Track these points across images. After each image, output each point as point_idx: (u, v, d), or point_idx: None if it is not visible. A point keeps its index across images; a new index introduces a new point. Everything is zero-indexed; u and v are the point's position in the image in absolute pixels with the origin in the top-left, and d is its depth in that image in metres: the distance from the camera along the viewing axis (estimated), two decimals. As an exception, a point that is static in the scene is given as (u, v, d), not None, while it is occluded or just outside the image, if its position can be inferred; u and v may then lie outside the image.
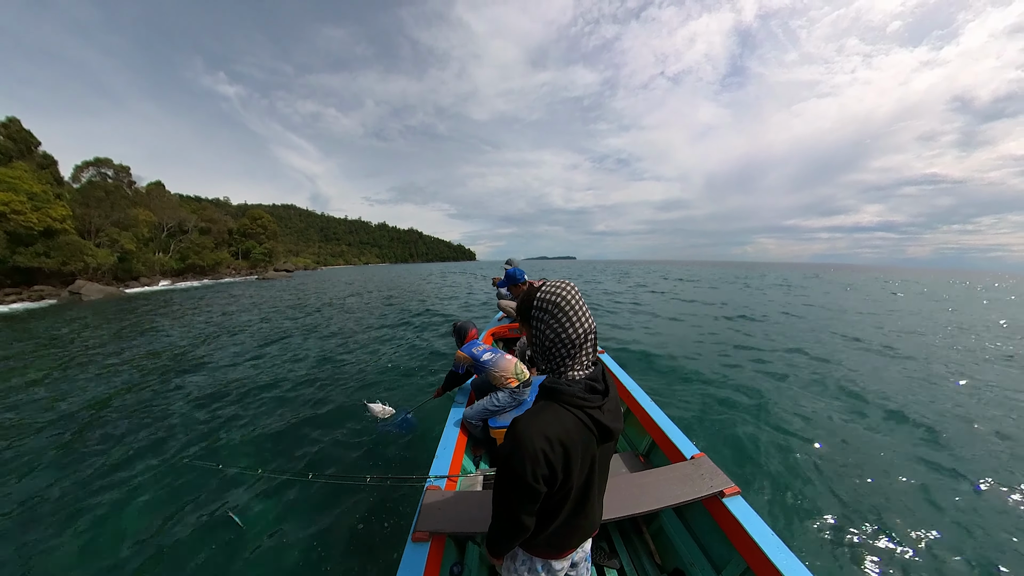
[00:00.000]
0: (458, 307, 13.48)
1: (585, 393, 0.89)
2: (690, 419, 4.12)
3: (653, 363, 6.32)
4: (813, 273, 43.60)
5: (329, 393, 5.14)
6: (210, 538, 2.60)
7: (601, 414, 0.90)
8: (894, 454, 3.55)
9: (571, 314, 0.90)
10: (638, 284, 24.90)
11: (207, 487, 3.13)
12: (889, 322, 10.97)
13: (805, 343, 7.78)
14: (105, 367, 6.75)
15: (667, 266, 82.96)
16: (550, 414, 0.86)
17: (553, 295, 0.92)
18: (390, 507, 2.77)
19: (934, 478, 3.20)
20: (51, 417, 4.59)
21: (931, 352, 7.36)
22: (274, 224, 69.76)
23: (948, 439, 3.83)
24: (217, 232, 55.39)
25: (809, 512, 2.75)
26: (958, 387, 5.40)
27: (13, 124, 31.07)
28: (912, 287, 28.23)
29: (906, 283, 33.40)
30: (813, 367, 6.15)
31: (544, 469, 0.81)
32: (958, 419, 4.31)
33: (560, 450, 0.83)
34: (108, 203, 35.99)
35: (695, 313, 12.03)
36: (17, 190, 24.81)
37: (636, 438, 2.83)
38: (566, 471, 0.85)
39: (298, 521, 2.72)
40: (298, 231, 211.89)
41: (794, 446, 3.61)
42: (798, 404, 4.61)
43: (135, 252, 35.54)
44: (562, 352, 0.92)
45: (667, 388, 5.11)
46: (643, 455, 2.55)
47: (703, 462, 1.98)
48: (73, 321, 12.77)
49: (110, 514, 2.88)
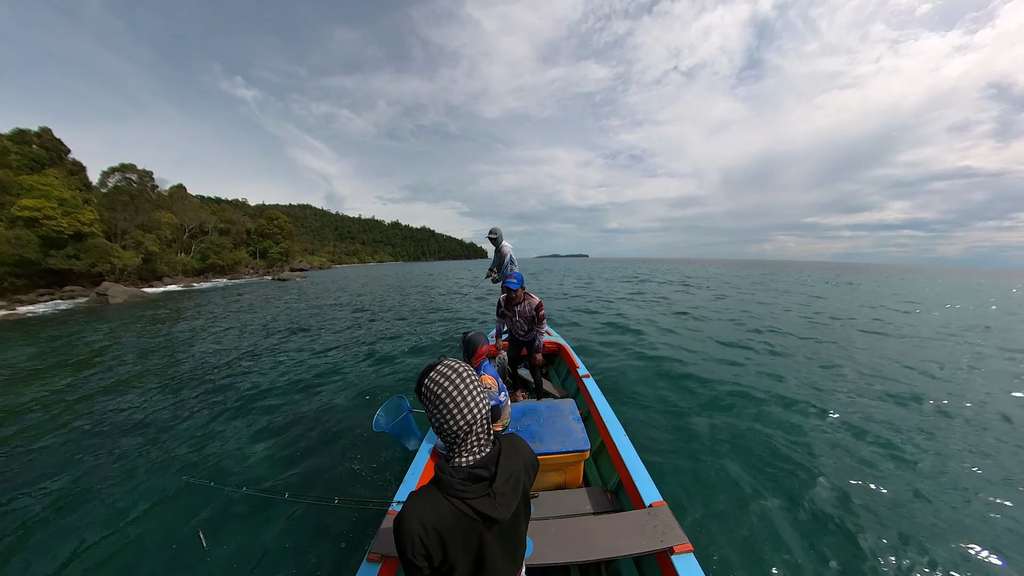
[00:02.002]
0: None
1: (465, 484, 0.92)
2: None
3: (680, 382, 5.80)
4: (835, 274, 39.53)
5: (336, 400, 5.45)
6: (172, 553, 2.76)
7: (483, 503, 0.91)
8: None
9: (452, 407, 0.92)
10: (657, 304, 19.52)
11: (193, 503, 3.27)
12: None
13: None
14: (115, 375, 7.24)
15: (682, 266, 79.54)
16: (429, 501, 0.92)
17: (436, 386, 0.93)
18: (358, 529, 2.86)
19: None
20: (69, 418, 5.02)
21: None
22: (290, 224, 71.55)
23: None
24: (236, 232, 57.20)
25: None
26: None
27: (45, 134, 32.77)
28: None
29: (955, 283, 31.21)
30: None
31: (421, 549, 0.87)
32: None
33: (435, 535, 0.88)
34: (133, 207, 37.58)
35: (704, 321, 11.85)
36: (49, 196, 26.23)
37: (607, 472, 2.79)
38: (443, 553, 0.90)
39: (268, 539, 2.83)
40: (314, 230, 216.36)
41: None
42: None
43: (158, 253, 37.07)
44: (448, 439, 0.96)
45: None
46: (611, 492, 2.54)
47: (660, 512, 1.93)
48: (98, 328, 13.49)
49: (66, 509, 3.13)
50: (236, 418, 5.08)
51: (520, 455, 1.06)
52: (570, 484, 2.61)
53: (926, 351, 8.16)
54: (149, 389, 6.30)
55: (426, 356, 7.77)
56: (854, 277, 41.24)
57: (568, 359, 4.54)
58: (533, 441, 2.51)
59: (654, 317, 12.10)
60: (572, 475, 2.60)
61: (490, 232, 5.66)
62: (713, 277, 35.08)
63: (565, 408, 2.86)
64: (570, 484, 2.61)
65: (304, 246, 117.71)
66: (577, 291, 20.86)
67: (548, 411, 2.83)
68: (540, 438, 2.54)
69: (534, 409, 2.86)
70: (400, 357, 7.75)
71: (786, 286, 25.15)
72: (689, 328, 10.31)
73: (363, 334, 10.22)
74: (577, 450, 2.44)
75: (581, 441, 2.48)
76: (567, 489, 2.57)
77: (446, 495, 0.91)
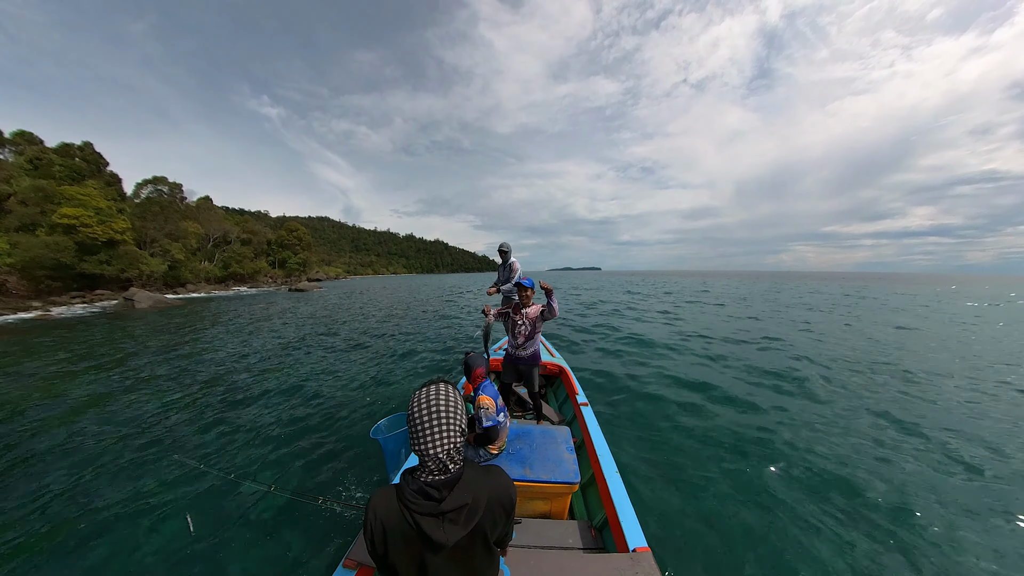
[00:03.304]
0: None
1: (415, 496, 1.00)
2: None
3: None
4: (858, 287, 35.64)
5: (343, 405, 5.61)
6: (158, 532, 2.93)
7: (430, 522, 0.98)
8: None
9: (420, 431, 1.00)
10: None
11: (180, 483, 3.48)
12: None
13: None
14: (139, 378, 7.56)
15: (703, 279, 75.99)
16: (388, 496, 1.04)
17: (415, 405, 1.04)
18: (340, 531, 2.89)
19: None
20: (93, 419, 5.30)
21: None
22: (308, 236, 73.64)
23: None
24: (257, 243, 59.13)
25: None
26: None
27: (87, 148, 34.98)
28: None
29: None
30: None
31: (370, 533, 1.00)
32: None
33: (380, 527, 1.00)
34: (162, 217, 39.48)
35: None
36: (87, 205, 27.82)
37: (595, 508, 2.68)
38: (384, 547, 1.00)
39: (250, 531, 2.92)
40: (331, 242, 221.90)
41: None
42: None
43: (183, 261, 38.63)
44: (417, 452, 1.03)
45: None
46: (596, 528, 2.43)
47: (643, 558, 1.85)
48: (127, 329, 14.04)
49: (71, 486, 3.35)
50: (245, 414, 5.30)
51: (488, 490, 1.06)
52: (555, 514, 2.53)
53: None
54: (161, 388, 6.58)
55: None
56: (896, 288, 39.39)
57: (568, 384, 4.44)
58: (523, 467, 2.44)
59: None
60: (558, 506, 2.52)
61: (502, 246, 5.85)
62: (748, 294, 33.75)
63: (559, 436, 2.78)
64: (555, 514, 2.53)
65: (322, 257, 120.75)
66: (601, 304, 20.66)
67: (541, 437, 2.76)
68: (530, 464, 2.48)
69: (528, 433, 2.80)
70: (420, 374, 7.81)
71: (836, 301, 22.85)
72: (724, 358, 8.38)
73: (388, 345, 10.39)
74: (566, 482, 2.38)
75: (572, 473, 2.41)
76: (551, 519, 2.50)
77: (398, 498, 1.02)
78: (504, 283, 5.95)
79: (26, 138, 32.21)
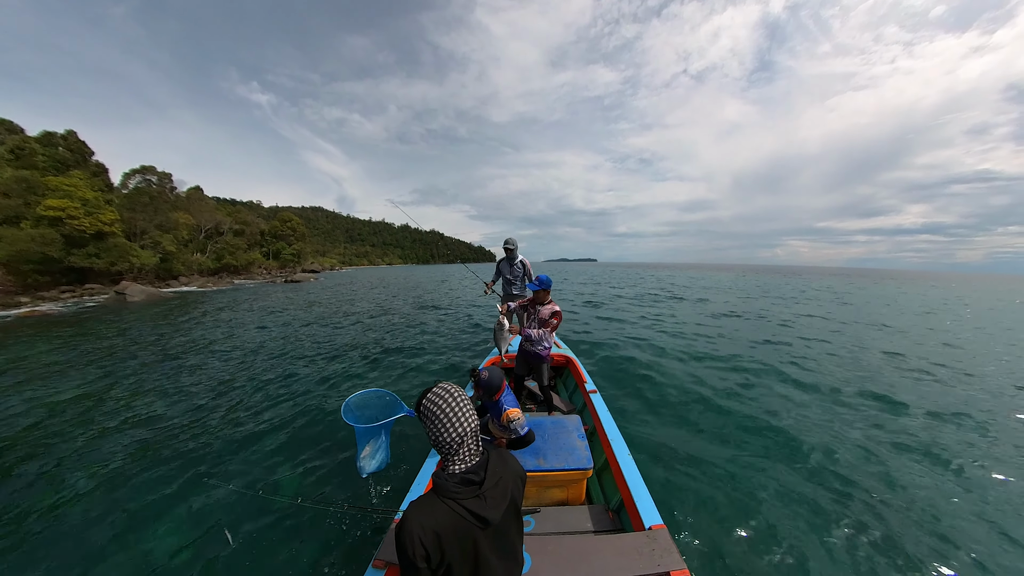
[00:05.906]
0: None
1: (458, 486, 1.04)
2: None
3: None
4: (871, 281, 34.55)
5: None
6: (200, 549, 2.85)
7: (476, 503, 1.03)
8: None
9: (446, 422, 1.06)
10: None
11: (211, 501, 3.33)
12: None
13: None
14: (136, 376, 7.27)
15: (697, 271, 77.47)
16: (427, 505, 1.03)
17: (433, 405, 1.08)
18: (365, 536, 2.87)
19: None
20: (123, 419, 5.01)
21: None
22: (302, 226, 72.61)
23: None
24: (250, 234, 58.18)
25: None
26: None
27: (70, 136, 33.82)
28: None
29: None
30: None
31: (421, 550, 0.95)
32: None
33: (432, 536, 0.97)
34: (152, 207, 38.43)
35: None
36: (72, 197, 26.96)
37: (610, 491, 2.75)
38: (441, 553, 0.98)
39: (283, 542, 2.88)
40: (325, 232, 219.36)
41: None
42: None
43: (175, 253, 37.81)
44: (443, 450, 1.09)
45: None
46: (613, 511, 2.51)
47: (660, 535, 1.93)
48: (115, 323, 13.69)
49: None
50: (255, 422, 5.06)
51: (508, 466, 1.17)
52: (572, 501, 2.64)
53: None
54: (166, 389, 6.31)
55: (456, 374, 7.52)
56: (900, 285, 39.88)
57: (576, 373, 4.49)
58: (537, 457, 2.53)
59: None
60: (574, 492, 2.63)
61: (507, 242, 5.53)
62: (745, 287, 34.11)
63: (570, 424, 2.87)
64: (572, 501, 2.64)
65: (316, 247, 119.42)
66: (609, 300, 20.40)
67: (553, 427, 2.84)
68: (544, 454, 2.56)
69: (539, 424, 2.86)
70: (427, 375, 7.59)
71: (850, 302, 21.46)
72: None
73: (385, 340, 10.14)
74: (580, 468, 2.48)
75: (584, 459, 2.52)
76: (569, 506, 2.58)
77: (442, 498, 1.02)
78: (510, 284, 5.64)
79: (5, 127, 31.00)
